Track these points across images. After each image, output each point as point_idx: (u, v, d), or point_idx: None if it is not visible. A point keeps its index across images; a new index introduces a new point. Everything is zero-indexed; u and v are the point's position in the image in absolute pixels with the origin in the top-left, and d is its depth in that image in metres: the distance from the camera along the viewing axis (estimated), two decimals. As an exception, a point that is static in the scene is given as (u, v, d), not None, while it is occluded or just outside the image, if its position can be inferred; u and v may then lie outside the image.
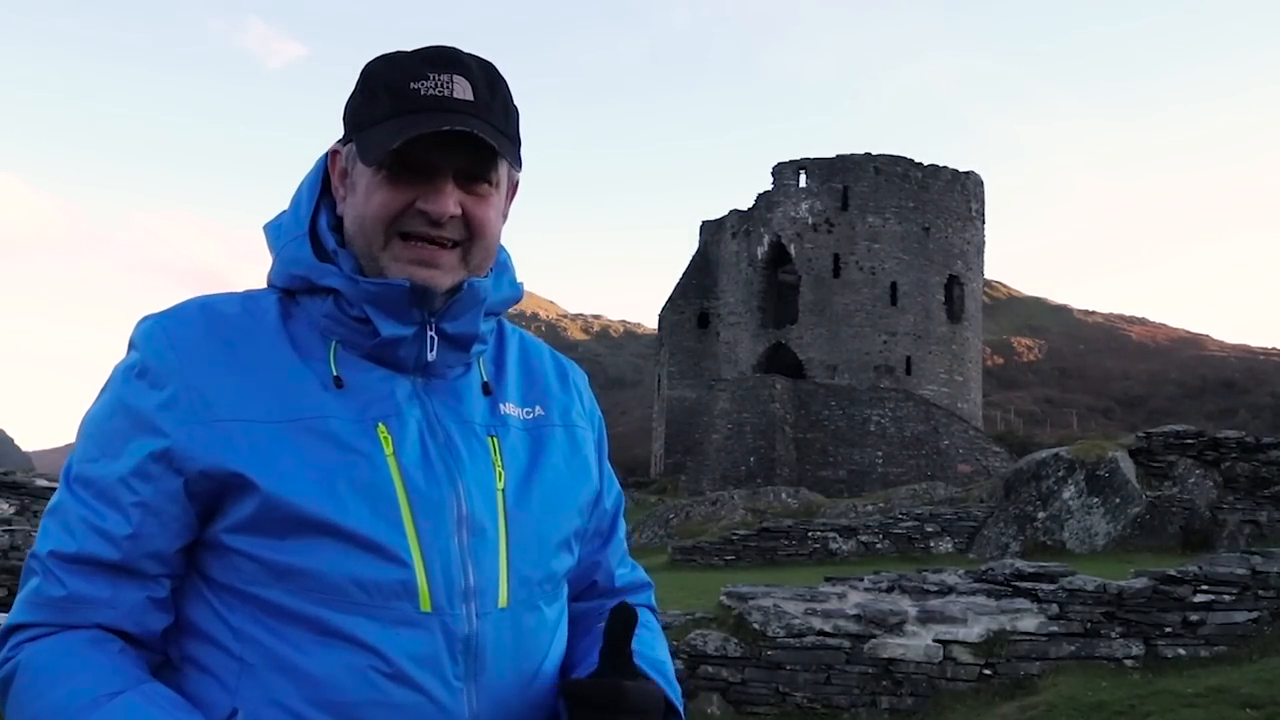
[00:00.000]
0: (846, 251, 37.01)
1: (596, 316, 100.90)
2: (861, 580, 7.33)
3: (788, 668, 6.59)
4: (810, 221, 37.37)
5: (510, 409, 1.22)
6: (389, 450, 1.10)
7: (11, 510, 11.16)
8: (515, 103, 1.18)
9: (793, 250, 37.64)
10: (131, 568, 1.09)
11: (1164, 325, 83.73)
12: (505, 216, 1.22)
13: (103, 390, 1.16)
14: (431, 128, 1.08)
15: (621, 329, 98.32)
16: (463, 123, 1.09)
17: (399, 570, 1.08)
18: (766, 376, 34.78)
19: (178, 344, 1.11)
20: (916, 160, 38.00)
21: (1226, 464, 13.59)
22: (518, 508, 1.16)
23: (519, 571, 1.14)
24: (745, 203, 40.39)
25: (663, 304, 42.79)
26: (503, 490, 1.16)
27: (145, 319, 1.16)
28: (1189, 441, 13.93)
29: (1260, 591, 6.69)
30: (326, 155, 1.22)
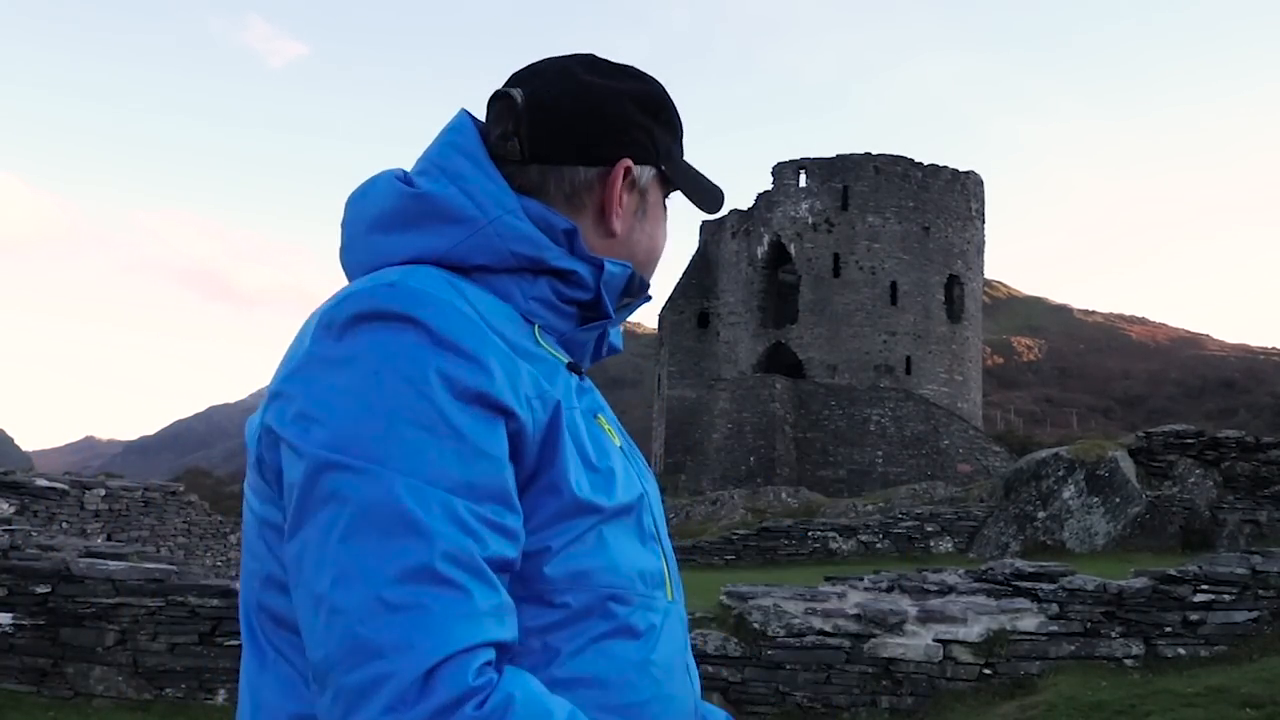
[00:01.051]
0: (846, 251, 37.00)
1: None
2: (861, 580, 7.34)
3: (788, 667, 6.59)
4: (810, 221, 37.36)
5: None
6: (617, 442, 1.11)
7: (11, 510, 11.17)
8: None
9: (793, 250, 37.63)
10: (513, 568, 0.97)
11: (1164, 325, 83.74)
12: None
13: (376, 371, 0.93)
14: (714, 202, 1.24)
15: (622, 329, 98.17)
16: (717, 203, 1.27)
17: (658, 560, 1.09)
18: (766, 376, 34.77)
19: (469, 317, 0.98)
20: (916, 160, 37.99)
21: (1226, 463, 13.60)
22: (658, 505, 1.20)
23: (672, 563, 1.17)
24: (745, 202, 40.42)
25: (662, 304, 42.78)
26: None
27: (399, 287, 0.98)
28: (1189, 441, 13.93)
29: (1260, 591, 6.69)
30: (465, 126, 1.14)
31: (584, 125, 1.12)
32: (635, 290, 1.17)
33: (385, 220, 1.09)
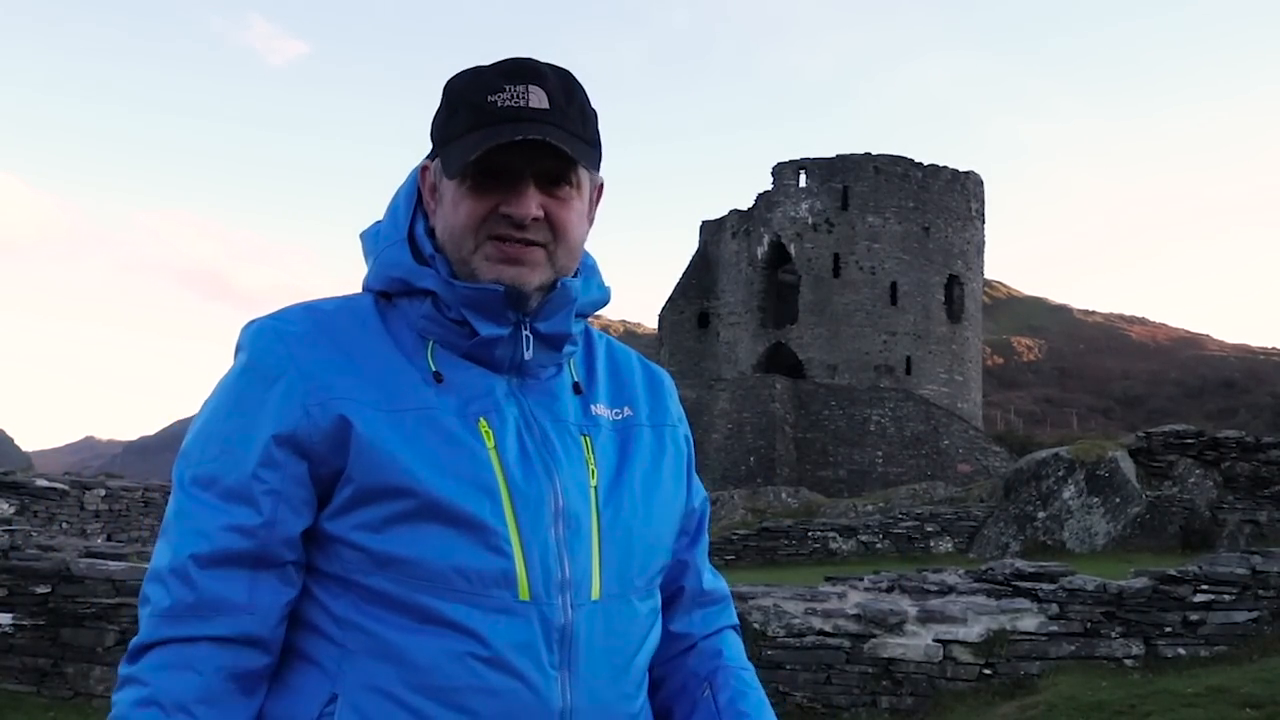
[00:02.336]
0: (846, 251, 37.00)
1: (596, 317, 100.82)
2: (861, 580, 7.34)
3: (788, 667, 6.59)
4: (810, 221, 37.36)
5: (600, 409, 1.27)
6: (490, 444, 1.15)
7: (12, 510, 11.17)
8: (593, 107, 1.23)
9: (793, 250, 37.63)
10: (269, 557, 1.12)
11: (1164, 325, 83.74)
12: (591, 220, 1.27)
13: (211, 396, 1.19)
14: (507, 138, 1.14)
15: (621, 329, 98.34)
16: (538, 130, 1.14)
17: (500, 560, 1.12)
18: (766, 376, 34.79)
19: (286, 338, 1.16)
20: (916, 160, 37.99)
21: (1226, 464, 13.60)
22: (609, 504, 1.20)
23: (611, 566, 1.18)
24: (745, 202, 40.43)
25: (663, 304, 42.80)
26: (595, 487, 1.20)
27: (250, 323, 1.20)
28: (1189, 441, 13.93)
29: (1260, 591, 6.69)
30: (419, 167, 1.27)
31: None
32: (514, 303, 1.17)
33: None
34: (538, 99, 1.16)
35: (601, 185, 1.28)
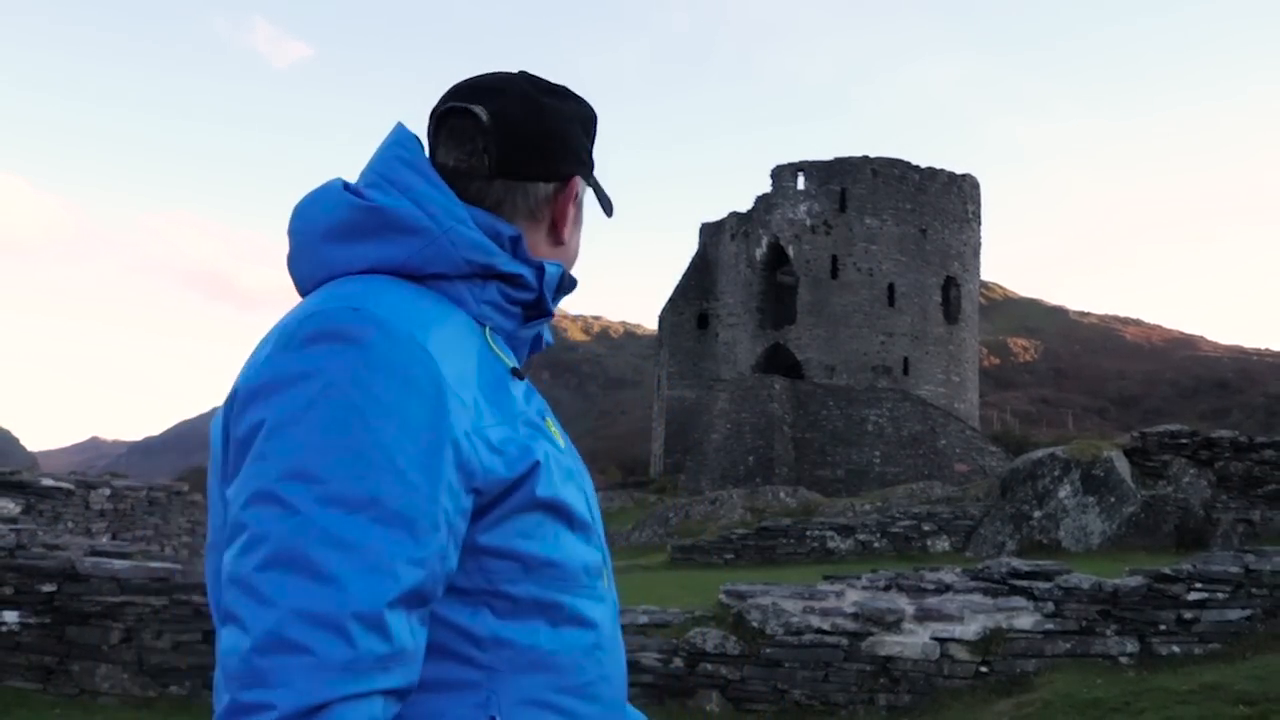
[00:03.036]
0: (844, 253, 37.04)
1: (597, 318, 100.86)
2: (859, 579, 7.37)
3: (786, 665, 6.63)
4: (808, 223, 37.40)
5: None
6: (562, 444, 1.19)
7: (17, 509, 11.19)
8: None
9: (791, 252, 37.66)
10: (434, 595, 1.01)
11: (1159, 326, 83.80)
12: None
13: (325, 392, 0.98)
14: (611, 208, 1.34)
15: (621, 330, 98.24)
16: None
17: (598, 552, 1.19)
18: (765, 377, 34.81)
19: (429, 344, 1.03)
20: (914, 163, 38.03)
21: (1220, 463, 13.66)
22: None
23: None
24: (744, 205, 40.47)
25: (662, 305, 42.83)
26: None
27: (363, 310, 1.02)
28: (1183, 441, 13.98)
29: (1253, 589, 6.74)
30: (407, 140, 1.18)
31: (548, 144, 1.21)
32: (566, 287, 1.27)
33: (338, 231, 1.12)
34: None
35: None
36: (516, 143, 1.18)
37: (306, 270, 1.14)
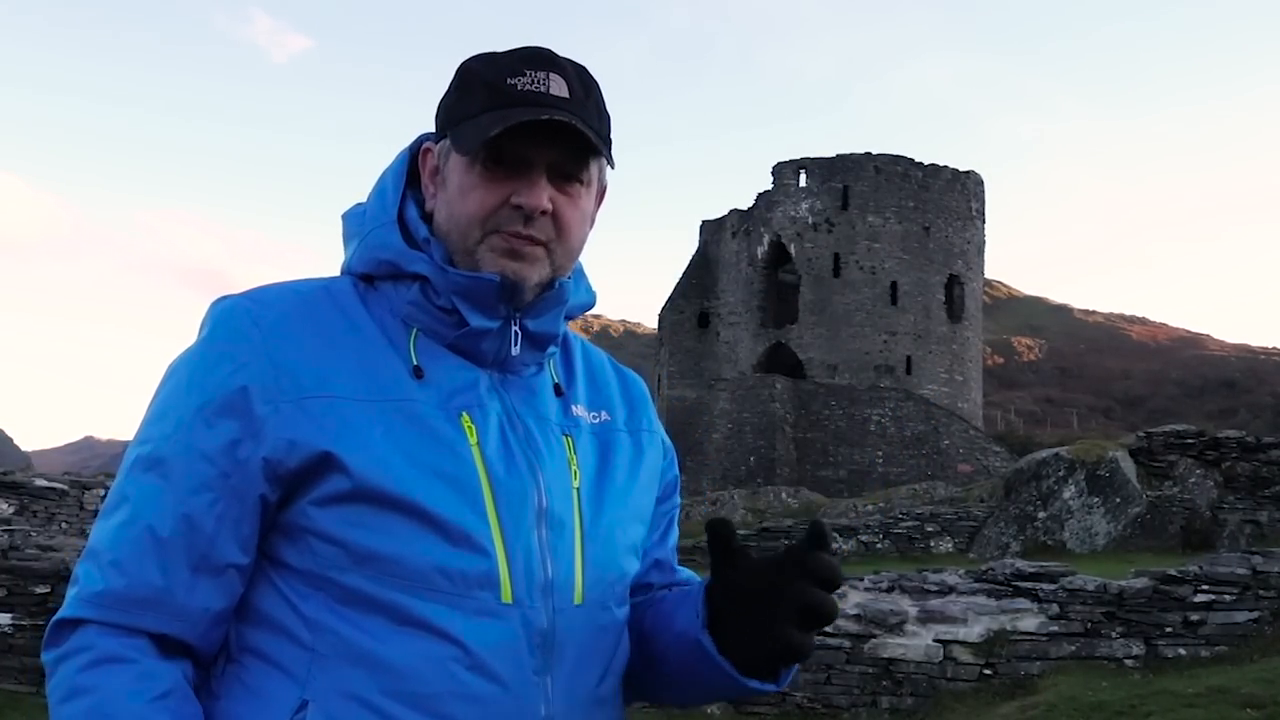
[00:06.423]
0: (846, 251, 37.00)
1: (596, 316, 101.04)
2: (862, 580, 7.32)
3: (788, 667, 6.58)
4: (810, 221, 37.37)
5: (580, 411, 1.23)
6: (473, 440, 1.10)
7: (11, 510, 11.18)
8: (608, 107, 1.18)
9: (793, 250, 37.63)
10: (211, 555, 1.06)
11: (1164, 325, 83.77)
12: (592, 222, 1.22)
13: (171, 374, 1.12)
14: (530, 117, 1.09)
15: (621, 329, 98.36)
16: (559, 115, 1.10)
17: (483, 560, 1.07)
18: (766, 376, 34.78)
19: (260, 322, 1.10)
20: (917, 160, 37.98)
21: (1227, 464, 13.59)
22: (591, 507, 1.17)
23: (593, 570, 1.15)
24: (745, 202, 40.40)
25: (663, 304, 42.78)
26: (578, 489, 1.17)
27: (222, 299, 1.15)
28: (1189, 441, 13.92)
29: (1261, 591, 6.69)
30: (411, 148, 1.23)
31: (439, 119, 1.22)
32: (517, 296, 1.14)
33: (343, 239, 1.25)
34: (558, 87, 1.12)
35: (605, 189, 1.24)
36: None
37: None
